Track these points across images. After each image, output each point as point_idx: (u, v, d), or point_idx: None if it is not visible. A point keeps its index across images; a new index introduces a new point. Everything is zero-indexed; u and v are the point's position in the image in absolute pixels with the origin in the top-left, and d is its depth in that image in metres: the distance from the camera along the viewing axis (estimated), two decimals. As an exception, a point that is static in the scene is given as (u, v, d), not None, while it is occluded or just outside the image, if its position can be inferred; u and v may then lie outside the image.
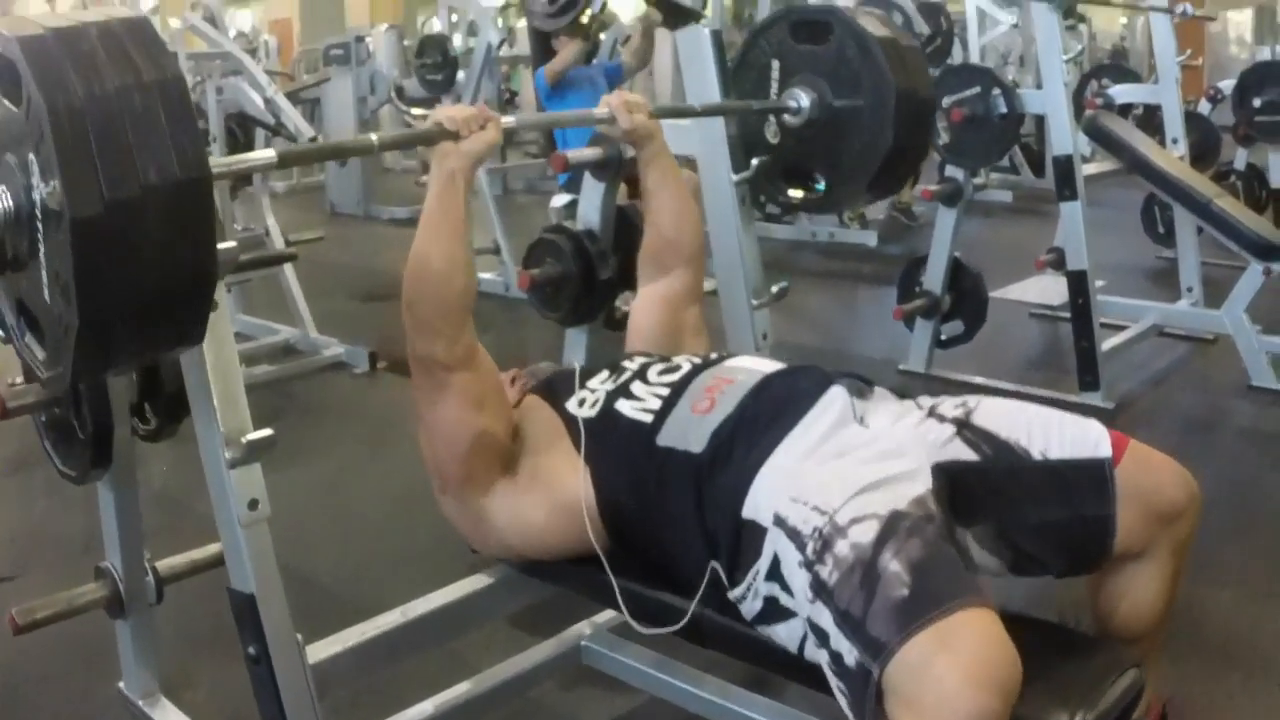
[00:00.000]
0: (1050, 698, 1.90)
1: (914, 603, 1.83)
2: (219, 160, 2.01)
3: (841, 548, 1.94)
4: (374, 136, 2.42)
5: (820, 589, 1.94)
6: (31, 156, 1.71)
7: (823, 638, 1.94)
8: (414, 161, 13.77)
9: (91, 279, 1.67)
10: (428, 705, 2.78)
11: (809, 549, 1.98)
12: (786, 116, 3.28)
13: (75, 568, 3.07)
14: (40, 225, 1.74)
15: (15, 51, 1.69)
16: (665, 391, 2.43)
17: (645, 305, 2.97)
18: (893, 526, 1.94)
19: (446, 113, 2.47)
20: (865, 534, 1.94)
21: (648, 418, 2.39)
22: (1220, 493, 4.24)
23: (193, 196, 1.74)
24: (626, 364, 2.61)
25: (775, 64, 3.32)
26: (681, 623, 2.25)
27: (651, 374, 2.52)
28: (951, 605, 1.80)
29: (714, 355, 2.61)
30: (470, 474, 2.48)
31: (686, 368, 2.50)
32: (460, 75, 9.07)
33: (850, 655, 1.87)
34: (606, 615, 3.07)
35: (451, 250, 2.41)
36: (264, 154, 2.19)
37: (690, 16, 3.50)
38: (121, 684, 3.13)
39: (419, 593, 2.69)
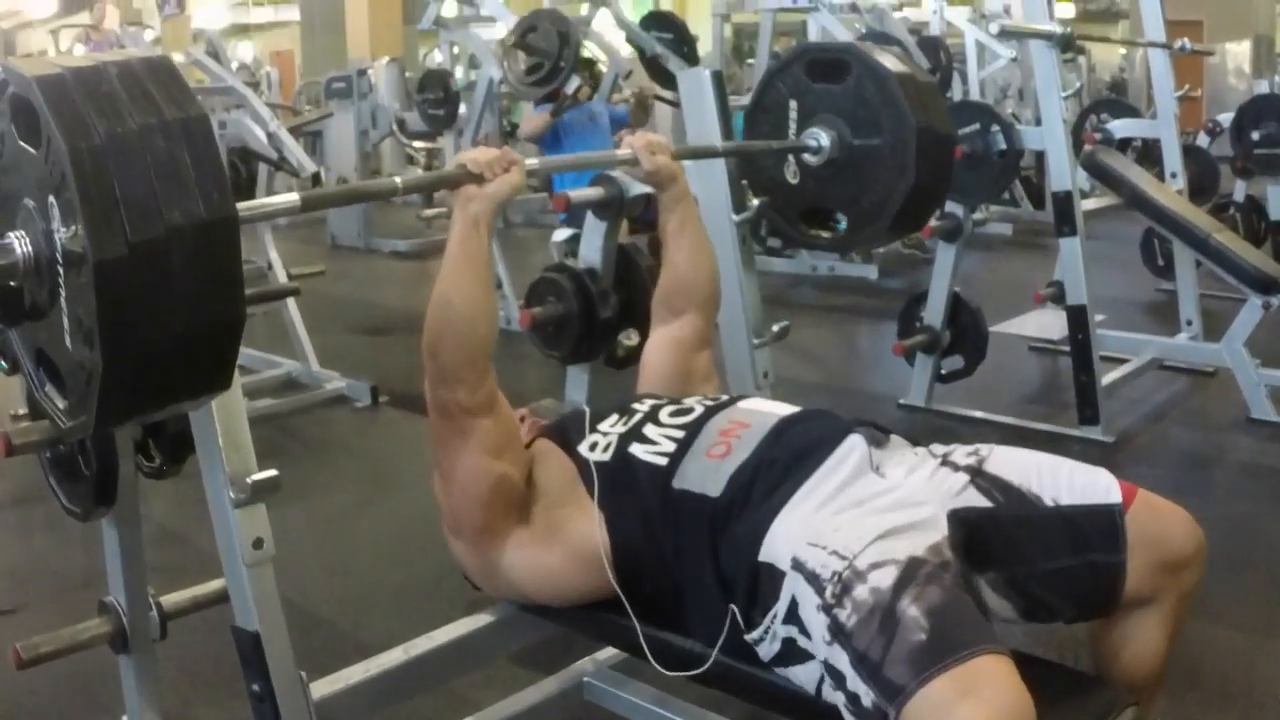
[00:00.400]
0: (1050, 737, 1.91)
1: (932, 647, 1.84)
2: (241, 205, 2.02)
3: (861, 592, 1.95)
4: (398, 180, 2.40)
5: (839, 632, 1.96)
6: (52, 200, 1.69)
7: (839, 680, 1.96)
8: (416, 195, 13.77)
9: (116, 322, 1.65)
10: (430, 743, 2.78)
11: (828, 592, 1.99)
12: (806, 156, 3.27)
13: (76, 602, 3.08)
14: (61, 270, 1.72)
15: (34, 92, 1.67)
16: (679, 434, 2.43)
17: (656, 348, 2.96)
18: (911, 572, 1.96)
19: (470, 155, 2.46)
20: (884, 579, 1.95)
21: (662, 460, 2.39)
22: (1219, 528, 4.21)
23: (218, 238, 1.71)
24: (637, 406, 2.61)
25: (793, 104, 3.31)
26: (704, 667, 2.24)
27: (663, 416, 2.52)
28: (970, 652, 1.82)
29: (725, 397, 2.61)
30: (488, 523, 2.47)
31: (699, 410, 2.50)
32: (462, 109, 9.10)
33: (867, 697, 1.89)
34: (609, 653, 3.08)
35: (476, 296, 2.40)
36: (287, 198, 2.19)
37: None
38: (124, 718, 3.14)
39: (421, 630, 2.69)
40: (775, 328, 3.44)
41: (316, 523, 4.66)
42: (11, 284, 1.80)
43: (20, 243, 1.75)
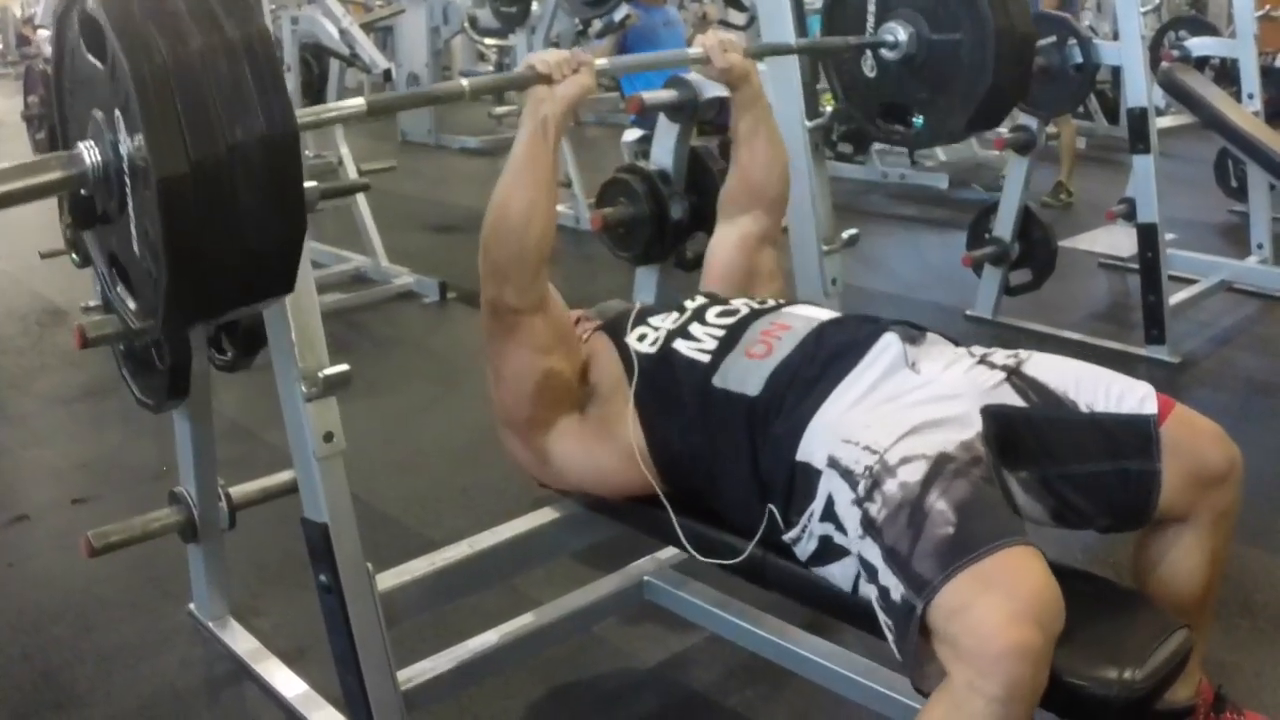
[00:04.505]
0: (1100, 654, 1.91)
1: (958, 542, 1.86)
2: (305, 111, 2.01)
3: (890, 486, 1.98)
4: (465, 83, 2.37)
5: (870, 525, 1.99)
6: (118, 114, 1.71)
7: (872, 573, 1.98)
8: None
9: (180, 236, 1.67)
10: (491, 635, 2.82)
11: (860, 487, 2.02)
12: (884, 51, 3.23)
13: (147, 493, 3.12)
14: (128, 181, 1.74)
15: (99, 11, 1.69)
16: (721, 333, 2.45)
17: (721, 244, 2.95)
18: (940, 467, 1.98)
19: (539, 57, 2.46)
20: (913, 474, 1.98)
21: (704, 358, 2.41)
22: (1276, 458, 4.22)
23: (280, 152, 1.72)
24: (687, 304, 2.63)
25: None
26: (741, 558, 2.28)
27: (710, 315, 2.54)
28: (995, 545, 1.84)
29: (772, 302, 2.62)
30: (534, 415, 2.52)
31: (744, 312, 2.52)
32: (535, 7, 9.04)
33: (896, 590, 1.91)
34: (669, 552, 3.11)
35: (535, 198, 2.39)
36: (353, 103, 2.17)
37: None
38: (192, 606, 3.20)
39: (486, 526, 2.72)
40: (845, 235, 3.43)
41: (384, 418, 4.71)
42: (83, 192, 1.83)
43: (90, 152, 1.77)
